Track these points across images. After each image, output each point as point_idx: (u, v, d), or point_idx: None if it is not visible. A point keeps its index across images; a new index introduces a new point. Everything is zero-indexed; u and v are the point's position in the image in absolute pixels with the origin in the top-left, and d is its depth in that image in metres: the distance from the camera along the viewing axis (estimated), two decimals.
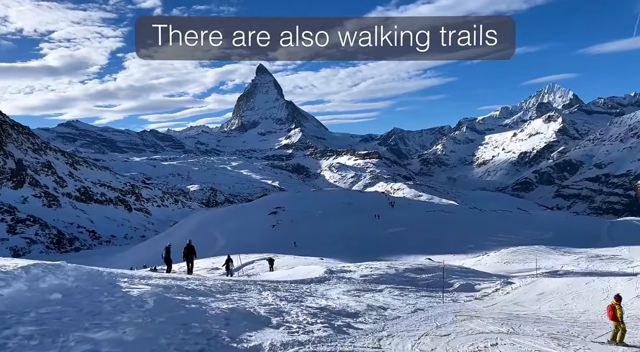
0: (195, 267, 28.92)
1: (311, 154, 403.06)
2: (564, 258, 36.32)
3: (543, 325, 8.06)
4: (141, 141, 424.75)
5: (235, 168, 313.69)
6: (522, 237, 49.00)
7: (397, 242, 46.21)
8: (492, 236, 49.75)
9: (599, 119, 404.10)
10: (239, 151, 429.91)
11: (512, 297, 12.13)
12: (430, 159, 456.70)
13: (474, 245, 45.63)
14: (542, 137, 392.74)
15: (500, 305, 11.03)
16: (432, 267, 17.98)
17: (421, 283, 15.12)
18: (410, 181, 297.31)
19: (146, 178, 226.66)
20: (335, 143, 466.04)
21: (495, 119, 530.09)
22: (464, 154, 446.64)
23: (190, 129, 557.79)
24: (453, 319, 8.42)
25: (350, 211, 58.61)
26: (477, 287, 14.79)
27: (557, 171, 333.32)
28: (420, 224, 54.60)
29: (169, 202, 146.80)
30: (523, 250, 39.24)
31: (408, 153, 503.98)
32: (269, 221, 54.15)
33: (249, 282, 12.77)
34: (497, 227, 54.63)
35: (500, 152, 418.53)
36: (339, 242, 45.01)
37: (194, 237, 53.13)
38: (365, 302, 10.52)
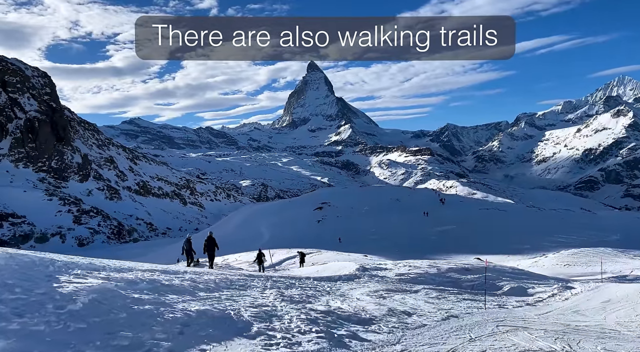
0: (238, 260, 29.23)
1: (361, 151, 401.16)
2: (634, 262, 33.04)
3: (609, 341, 6.49)
4: (197, 138, 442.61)
5: (285, 164, 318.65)
6: (585, 239, 45.35)
7: (446, 241, 44.38)
8: (551, 237, 46.48)
9: None
10: (289, 148, 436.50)
11: (571, 304, 10.69)
12: (485, 155, 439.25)
13: (530, 246, 42.79)
14: (609, 133, 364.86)
15: (556, 313, 9.62)
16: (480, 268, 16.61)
17: (465, 285, 13.90)
18: (464, 178, 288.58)
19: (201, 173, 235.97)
20: (385, 139, 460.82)
21: (557, 114, 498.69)
22: (521, 151, 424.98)
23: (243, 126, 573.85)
24: (493, 330, 6.83)
25: (398, 207, 57.14)
26: (530, 291, 13.36)
27: (626, 169, 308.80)
28: (472, 222, 52.15)
29: (221, 197, 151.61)
30: (586, 252, 36.19)
31: (462, 150, 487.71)
32: (315, 216, 53.96)
33: (262, 278, 11.80)
34: (556, 227, 51.01)
35: (562, 148, 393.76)
36: (385, 239, 43.94)
37: (240, 230, 54.32)
38: (389, 305, 9.03)
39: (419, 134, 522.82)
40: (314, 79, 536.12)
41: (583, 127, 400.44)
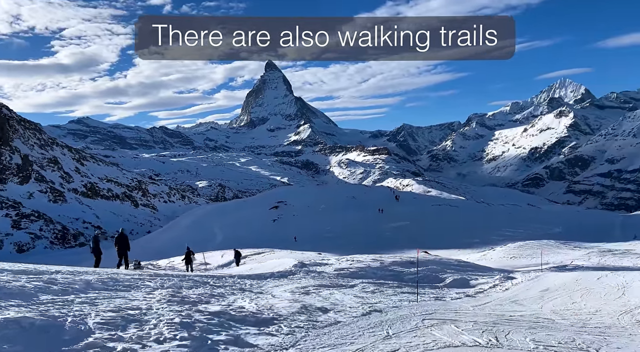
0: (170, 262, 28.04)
1: (320, 150, 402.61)
2: (574, 253, 34.82)
3: (541, 332, 6.19)
4: (151, 138, 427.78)
5: (244, 164, 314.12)
6: (531, 232, 47.47)
7: (400, 236, 45.01)
8: (499, 231, 48.29)
9: (612, 114, 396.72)
10: (247, 147, 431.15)
11: (510, 294, 10.74)
12: (439, 155, 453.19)
13: (480, 240, 44.23)
14: (553, 133, 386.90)
15: (494, 304, 9.55)
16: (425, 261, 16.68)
17: (407, 278, 13.81)
18: (419, 176, 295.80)
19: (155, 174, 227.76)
20: (344, 139, 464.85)
21: (506, 114, 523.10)
22: (473, 150, 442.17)
23: (199, 125, 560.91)
24: (416, 325, 6.35)
25: (354, 205, 57.47)
26: (472, 283, 13.46)
27: (568, 167, 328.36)
28: (425, 218, 53.30)
29: (175, 198, 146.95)
30: (531, 244, 37.80)
31: (417, 149, 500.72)
32: (270, 216, 53.25)
33: (170, 278, 10.55)
34: (504, 222, 53.12)
35: (510, 147, 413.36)
36: (340, 237, 43.95)
37: (192, 232, 52.64)
38: (308, 302, 8.33)
39: (376, 134, 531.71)
40: (273, 79, 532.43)
41: (529, 127, 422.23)
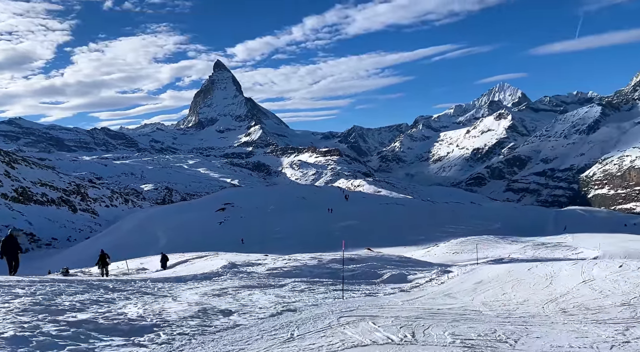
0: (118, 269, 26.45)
1: (272, 152, 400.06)
2: (512, 247, 36.57)
3: (463, 325, 6.03)
4: (91, 139, 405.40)
5: (192, 166, 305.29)
6: (472, 228, 49.48)
7: (349, 235, 45.18)
8: (443, 227, 49.90)
9: (545, 117, 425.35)
10: (196, 149, 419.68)
11: (445, 288, 10.84)
12: (388, 156, 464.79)
13: (425, 237, 45.43)
14: (493, 134, 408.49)
15: (427, 297, 9.53)
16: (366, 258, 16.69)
17: (345, 275, 13.69)
18: (370, 177, 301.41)
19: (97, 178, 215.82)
20: (296, 140, 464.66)
21: (450, 116, 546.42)
22: (420, 151, 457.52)
23: (144, 126, 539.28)
24: (330, 324, 5.96)
25: (304, 205, 57.26)
26: (410, 278, 13.56)
27: (507, 166, 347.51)
28: (374, 216, 54.07)
29: (118, 202, 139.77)
30: (472, 240, 39.27)
31: (368, 150, 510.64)
32: (217, 218, 51.80)
33: (54, 282, 9.65)
34: (448, 219, 55.01)
35: (454, 148, 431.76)
36: (290, 237, 43.49)
37: (133, 236, 50.11)
38: (212, 304, 7.63)
39: (328, 135, 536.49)
40: (221, 79, 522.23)
41: (471, 129, 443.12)
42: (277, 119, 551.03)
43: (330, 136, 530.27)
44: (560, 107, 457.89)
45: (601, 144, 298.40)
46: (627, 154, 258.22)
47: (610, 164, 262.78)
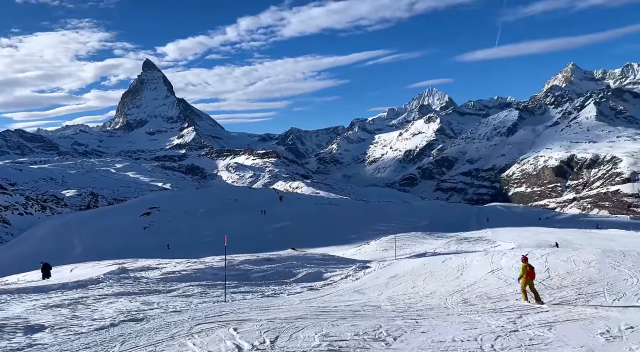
0: (22, 280, 23.68)
1: (207, 154, 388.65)
2: (437, 242, 37.99)
3: (348, 323, 5.60)
4: (3, 142, 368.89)
5: (120, 170, 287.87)
6: (402, 225, 50.93)
7: (282, 236, 44.64)
8: (375, 226, 50.87)
9: (470, 120, 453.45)
10: (124, 152, 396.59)
11: (358, 284, 10.65)
12: (326, 157, 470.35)
13: (357, 235, 45.99)
14: (423, 137, 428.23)
15: (334, 295, 9.21)
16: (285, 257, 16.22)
17: (254, 276, 13.13)
18: (308, 179, 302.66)
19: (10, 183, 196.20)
20: (232, 143, 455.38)
21: (384, 119, 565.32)
22: (356, 153, 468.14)
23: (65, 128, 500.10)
24: (173, 334, 5.27)
25: (236, 208, 55.72)
26: (326, 276, 13.31)
27: (436, 167, 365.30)
28: (308, 217, 53.89)
29: (34, 210, 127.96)
30: (401, 237, 40.30)
31: (306, 152, 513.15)
32: (141, 223, 48.77)
33: None
34: (380, 217, 56.23)
35: (388, 150, 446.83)
36: (220, 240, 41.80)
37: (47, 243, 45.76)
38: (26, 318, 6.75)
39: (265, 138, 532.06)
40: (151, 78, 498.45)
41: (404, 132, 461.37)
42: (212, 120, 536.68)
43: (267, 138, 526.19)
44: (483, 111, 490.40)
45: (519, 146, 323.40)
46: (541, 154, 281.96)
47: (527, 164, 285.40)
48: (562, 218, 64.56)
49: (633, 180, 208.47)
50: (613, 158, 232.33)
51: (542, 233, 39.09)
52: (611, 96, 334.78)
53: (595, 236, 36.11)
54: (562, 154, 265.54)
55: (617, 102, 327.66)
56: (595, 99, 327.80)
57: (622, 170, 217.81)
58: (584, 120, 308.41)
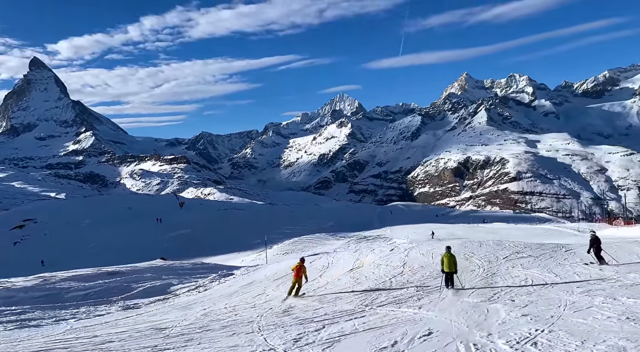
0: None
1: (108, 161, 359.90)
2: (338, 242, 38.08)
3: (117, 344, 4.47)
4: None
5: (3, 180, 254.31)
6: (308, 227, 50.67)
7: (179, 245, 41.76)
8: (280, 229, 49.94)
9: (378, 125, 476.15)
10: (9, 160, 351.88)
11: (202, 296, 9.60)
12: (240, 162, 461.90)
13: (261, 240, 44.55)
14: (336, 141, 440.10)
15: (148, 314, 8.03)
16: (141, 269, 14.43)
17: (70, 296, 11.27)
18: (221, 185, 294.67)
19: None
20: (137, 148, 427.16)
21: (298, 124, 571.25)
22: (271, 157, 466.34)
23: None
24: None
25: (129, 216, 51.19)
26: (172, 288, 11.88)
27: (349, 170, 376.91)
28: (210, 224, 51.27)
29: None
30: (304, 239, 39.84)
31: (218, 157, 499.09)
32: (12, 237, 42.51)
33: None
34: (286, 221, 55.48)
35: (303, 154, 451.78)
36: (106, 252, 37.87)
37: None
38: None
39: (174, 142, 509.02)
40: (40, 78, 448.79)
41: (317, 136, 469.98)
42: (114, 124, 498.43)
43: (176, 143, 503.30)
44: (390, 117, 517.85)
45: (422, 149, 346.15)
46: (441, 156, 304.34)
47: (429, 166, 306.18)
48: (456, 214, 69.44)
49: (518, 179, 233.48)
50: (502, 159, 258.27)
51: (434, 229, 41.15)
52: (499, 103, 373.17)
53: (480, 229, 38.91)
54: (459, 156, 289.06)
55: (503, 109, 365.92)
56: (485, 106, 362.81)
57: (509, 170, 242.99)
58: (477, 125, 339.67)
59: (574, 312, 6.54)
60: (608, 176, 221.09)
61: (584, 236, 29.42)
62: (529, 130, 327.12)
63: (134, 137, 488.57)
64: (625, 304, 6.92)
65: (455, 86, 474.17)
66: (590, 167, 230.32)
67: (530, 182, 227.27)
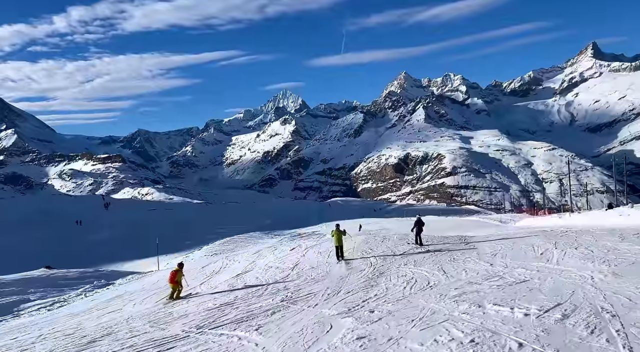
0: None
1: (33, 161, 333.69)
2: (272, 240, 36.74)
3: None
4: None
5: None
6: (244, 226, 48.90)
7: (100, 250, 38.38)
8: (214, 229, 47.77)
9: (322, 122, 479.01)
10: None
11: (52, 314, 8.07)
12: (180, 161, 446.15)
13: (192, 241, 42.29)
14: (280, 138, 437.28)
15: None
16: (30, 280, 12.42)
17: None
18: (160, 184, 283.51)
19: None
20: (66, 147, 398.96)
21: (240, 121, 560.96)
22: (213, 155, 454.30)
23: None
24: None
25: (43, 220, 46.56)
26: (23, 306, 10.11)
27: (294, 167, 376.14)
28: (135, 225, 47.91)
29: None
30: (236, 239, 38.13)
31: (156, 156, 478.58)
32: None
33: None
34: (222, 220, 53.31)
35: (246, 152, 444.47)
36: (6, 263, 33.78)
37: None
38: None
39: (108, 140, 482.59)
40: None
41: (261, 133, 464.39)
42: (39, 121, 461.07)
43: (110, 141, 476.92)
44: (333, 114, 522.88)
45: (365, 146, 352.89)
46: (383, 153, 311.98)
47: (371, 163, 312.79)
48: (391, 209, 70.76)
49: (454, 173, 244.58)
50: (439, 155, 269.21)
51: (369, 223, 41.10)
52: (435, 102, 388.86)
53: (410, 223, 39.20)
54: (399, 153, 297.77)
55: (440, 107, 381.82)
56: (423, 104, 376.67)
57: (446, 166, 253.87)
58: (416, 123, 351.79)
59: (420, 331, 5.78)
60: (534, 169, 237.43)
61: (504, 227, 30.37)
62: (463, 127, 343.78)
63: (62, 135, 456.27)
64: (485, 314, 6.33)
65: (395, 85, 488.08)
66: (518, 162, 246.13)
67: (464, 176, 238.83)
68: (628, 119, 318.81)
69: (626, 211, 19.20)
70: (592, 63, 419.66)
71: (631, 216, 17.12)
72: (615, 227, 14.47)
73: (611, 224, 15.77)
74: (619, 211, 20.22)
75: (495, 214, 54.60)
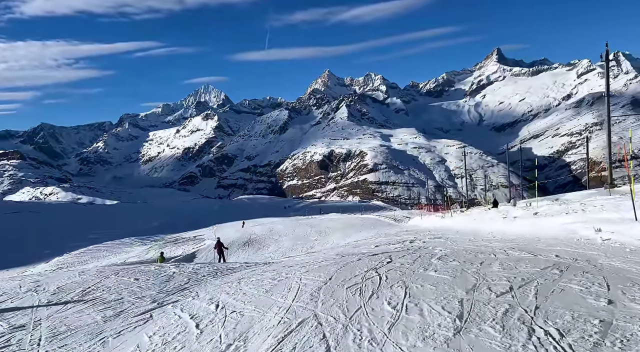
0: None
1: None
2: (140, 248, 32.09)
3: None
4: None
5: None
6: (123, 230, 43.07)
7: None
8: (87, 234, 41.61)
9: (246, 118, 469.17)
10: None
11: None
12: (90, 157, 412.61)
13: (52, 250, 36.07)
14: (202, 134, 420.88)
15: None
16: None
17: None
18: (67, 183, 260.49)
19: None
20: None
21: (158, 115, 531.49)
22: (128, 152, 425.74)
23: None
24: None
25: None
26: None
27: (217, 164, 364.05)
28: None
29: None
30: (101, 247, 32.89)
31: (63, 152, 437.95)
32: None
33: None
34: (97, 223, 46.84)
35: (165, 148, 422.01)
36: None
37: None
38: None
39: (4, 135, 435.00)
40: None
41: (181, 129, 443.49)
42: None
43: (7, 136, 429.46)
44: (258, 110, 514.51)
45: (290, 143, 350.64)
46: (308, 150, 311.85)
47: (297, 159, 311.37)
48: (301, 206, 68.48)
49: (375, 170, 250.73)
50: (361, 152, 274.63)
51: (261, 224, 37.93)
52: (357, 100, 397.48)
53: (303, 223, 36.80)
54: (324, 150, 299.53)
55: (362, 106, 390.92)
56: (346, 103, 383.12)
57: (368, 162, 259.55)
58: (339, 121, 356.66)
59: None
60: (447, 166, 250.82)
61: (393, 227, 28.74)
62: (384, 126, 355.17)
63: None
64: None
65: (319, 82, 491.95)
66: (433, 159, 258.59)
67: (385, 172, 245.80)
68: (527, 120, 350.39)
69: (511, 211, 17.39)
70: (497, 67, 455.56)
71: (517, 220, 14.75)
72: (492, 241, 9.89)
73: (489, 232, 13.37)
74: (504, 211, 18.53)
75: (396, 212, 54.38)
